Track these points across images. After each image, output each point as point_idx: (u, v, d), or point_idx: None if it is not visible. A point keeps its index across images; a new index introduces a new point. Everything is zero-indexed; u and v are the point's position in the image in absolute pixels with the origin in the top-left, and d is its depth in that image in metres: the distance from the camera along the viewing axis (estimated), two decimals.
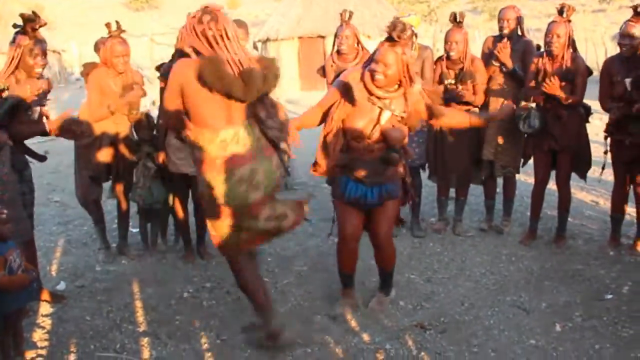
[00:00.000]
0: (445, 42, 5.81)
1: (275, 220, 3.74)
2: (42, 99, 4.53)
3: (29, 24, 4.42)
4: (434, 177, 6.26)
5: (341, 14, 6.03)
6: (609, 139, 5.47)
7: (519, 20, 5.83)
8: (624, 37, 5.16)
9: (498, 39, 5.93)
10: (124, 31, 5.34)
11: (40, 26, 4.43)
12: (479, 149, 5.91)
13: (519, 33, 5.88)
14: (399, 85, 4.11)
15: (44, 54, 4.53)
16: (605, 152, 5.55)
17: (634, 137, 5.14)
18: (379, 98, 4.09)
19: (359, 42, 6.04)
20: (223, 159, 3.56)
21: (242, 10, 47.57)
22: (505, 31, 5.80)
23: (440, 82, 5.83)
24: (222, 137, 3.54)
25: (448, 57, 5.81)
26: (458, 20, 5.72)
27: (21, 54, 4.43)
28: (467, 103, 5.72)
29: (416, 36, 5.92)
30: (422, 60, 5.88)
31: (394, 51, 4.00)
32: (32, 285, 3.82)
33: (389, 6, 22.73)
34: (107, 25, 5.30)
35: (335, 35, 6.08)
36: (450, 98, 5.68)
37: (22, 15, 4.43)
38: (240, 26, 5.41)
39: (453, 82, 5.77)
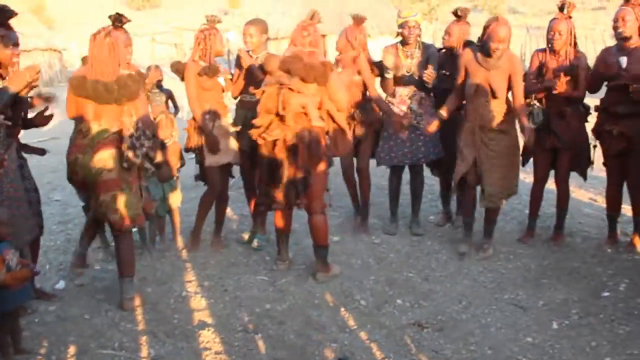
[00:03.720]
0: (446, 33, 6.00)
1: None
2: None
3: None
4: (435, 171, 6.35)
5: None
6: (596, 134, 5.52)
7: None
8: (616, 20, 5.20)
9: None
10: (129, 20, 5.36)
11: (10, 16, 4.39)
12: None
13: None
14: None
15: (16, 44, 4.39)
16: (595, 147, 5.57)
17: (622, 125, 5.18)
18: None
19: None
20: None
21: (243, 9, 47.55)
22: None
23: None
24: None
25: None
26: (459, 15, 5.96)
27: None
28: None
29: (420, 35, 5.96)
30: (427, 57, 5.90)
31: None
32: (32, 281, 3.85)
33: (390, 5, 22.76)
34: (111, 17, 5.32)
35: None
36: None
37: None
38: (251, 24, 5.57)
39: (448, 73, 5.84)
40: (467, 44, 5.71)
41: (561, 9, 5.37)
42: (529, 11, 41.66)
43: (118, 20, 5.23)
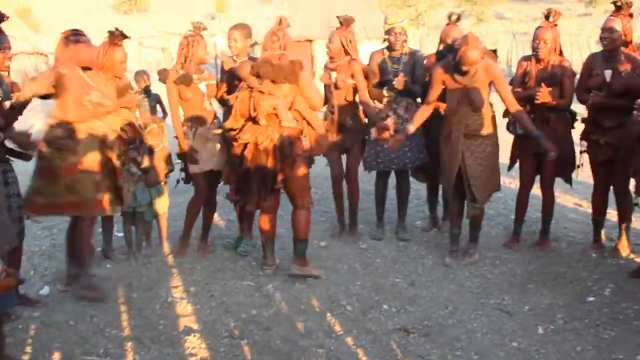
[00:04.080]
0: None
1: None
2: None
3: None
4: (422, 176, 6.33)
5: (338, 18, 6.02)
6: (584, 142, 5.53)
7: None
8: (604, 30, 5.22)
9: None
10: (127, 37, 5.37)
11: (0, 20, 4.39)
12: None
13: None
14: None
15: (7, 48, 4.48)
16: (581, 152, 5.60)
17: (609, 135, 5.21)
18: None
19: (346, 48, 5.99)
20: None
21: (230, 13, 47.55)
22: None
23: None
24: None
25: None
26: (458, 19, 5.97)
27: None
28: None
29: (406, 41, 5.98)
30: (413, 63, 5.93)
31: None
32: (17, 289, 3.82)
33: (377, 10, 22.80)
34: (111, 33, 5.32)
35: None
36: None
37: None
38: (235, 29, 5.63)
39: None
40: (440, 57, 5.73)
41: (547, 17, 5.40)
42: (515, 17, 41.93)
43: (116, 37, 5.24)
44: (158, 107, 7.93)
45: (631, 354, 3.96)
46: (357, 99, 6.00)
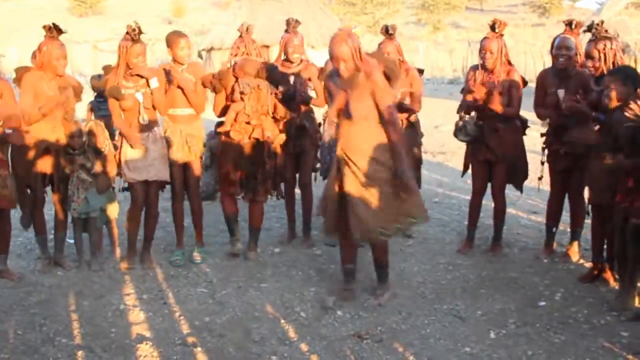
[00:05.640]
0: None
1: None
2: None
3: None
4: None
5: (289, 22, 6.03)
6: (546, 150, 5.61)
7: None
8: (561, 48, 5.31)
9: None
10: (64, 32, 5.29)
11: None
12: None
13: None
14: None
15: None
16: (543, 163, 5.69)
17: (568, 146, 5.29)
18: None
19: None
20: None
21: (187, 19, 47.25)
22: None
23: None
24: None
25: None
26: (390, 32, 5.95)
27: None
28: (407, 110, 5.88)
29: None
30: None
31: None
32: None
33: (334, 17, 22.85)
34: (46, 27, 5.24)
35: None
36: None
37: None
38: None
39: None
40: None
41: (492, 27, 5.49)
42: (471, 26, 42.46)
43: (50, 30, 5.18)
44: None
45: (581, 357, 4.03)
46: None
